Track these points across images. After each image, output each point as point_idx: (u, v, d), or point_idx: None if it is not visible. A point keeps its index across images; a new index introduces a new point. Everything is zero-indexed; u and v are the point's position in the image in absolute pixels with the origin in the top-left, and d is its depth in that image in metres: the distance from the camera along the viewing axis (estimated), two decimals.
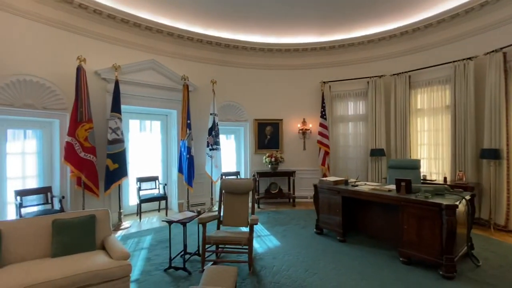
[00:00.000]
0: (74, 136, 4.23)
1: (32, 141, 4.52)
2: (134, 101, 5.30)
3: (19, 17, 4.03)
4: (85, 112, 4.31)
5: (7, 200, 4.15)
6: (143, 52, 5.48)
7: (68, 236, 2.47)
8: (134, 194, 5.58)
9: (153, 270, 3.20)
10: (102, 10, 4.74)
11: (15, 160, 4.30)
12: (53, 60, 4.39)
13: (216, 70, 6.41)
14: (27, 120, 4.33)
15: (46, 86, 4.32)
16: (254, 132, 6.85)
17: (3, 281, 1.96)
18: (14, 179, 4.25)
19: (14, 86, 4.00)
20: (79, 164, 4.28)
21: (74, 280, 2.10)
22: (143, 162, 5.94)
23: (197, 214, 3.37)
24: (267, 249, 3.82)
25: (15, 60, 3.96)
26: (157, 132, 6.21)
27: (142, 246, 3.99)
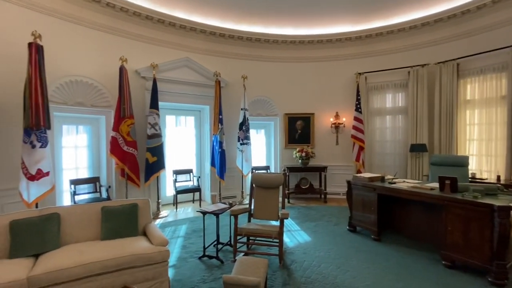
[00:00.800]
0: (118, 131, 4.60)
1: (83, 135, 5.02)
2: (170, 97, 5.58)
3: (68, 22, 4.44)
4: (127, 108, 4.65)
5: (63, 188, 4.67)
6: (178, 50, 5.71)
7: (114, 222, 2.72)
8: (170, 186, 5.92)
9: (189, 257, 3.39)
10: (141, 12, 5.03)
11: (70, 153, 4.81)
12: (99, 61, 4.78)
13: (247, 65, 6.45)
14: (78, 117, 4.81)
15: (93, 86, 4.74)
16: (284, 127, 6.79)
17: (62, 259, 2.23)
18: (68, 170, 4.78)
19: (67, 86, 4.45)
20: (123, 157, 4.65)
21: (121, 262, 2.32)
22: (179, 156, 6.26)
23: (229, 206, 3.48)
24: (297, 243, 3.81)
25: (67, 62, 4.39)
26: (191, 127, 6.48)
27: (179, 234, 4.23)
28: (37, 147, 3.53)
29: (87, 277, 2.22)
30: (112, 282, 2.28)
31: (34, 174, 3.52)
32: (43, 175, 3.60)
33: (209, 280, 2.82)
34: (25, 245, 2.34)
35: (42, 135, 3.56)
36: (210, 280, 2.82)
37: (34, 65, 3.45)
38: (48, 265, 2.15)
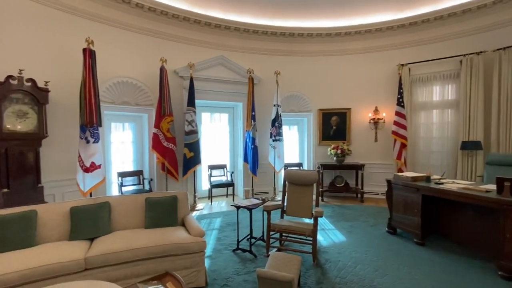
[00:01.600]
0: (159, 128, 4.91)
1: (129, 132, 5.46)
2: (205, 95, 5.78)
3: (116, 28, 4.82)
4: (167, 107, 4.93)
5: (112, 180, 5.15)
6: (213, 49, 5.88)
7: (157, 212, 2.92)
8: (206, 180, 6.17)
9: (223, 249, 3.51)
10: (179, 14, 5.27)
11: (117, 148, 5.28)
12: (142, 63, 5.13)
13: (280, 61, 6.39)
14: (124, 115, 5.24)
15: (137, 86, 5.12)
16: (318, 123, 6.62)
17: (113, 243, 2.47)
18: (116, 163, 5.24)
19: (115, 87, 4.86)
20: (163, 152, 4.97)
21: (163, 249, 2.49)
22: (213, 151, 6.48)
23: (261, 202, 3.52)
24: (331, 243, 3.71)
25: (114, 65, 4.78)
26: (225, 124, 6.65)
27: (214, 227, 4.40)
28: (91, 142, 3.93)
29: (134, 261, 2.43)
30: (155, 267, 2.47)
31: (89, 166, 3.93)
32: (96, 167, 4.01)
33: (242, 272, 2.90)
34: (82, 229, 2.63)
35: (95, 131, 3.96)
36: (244, 272, 2.89)
37: (88, 68, 3.84)
38: (101, 248, 2.40)
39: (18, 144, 3.60)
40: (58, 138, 4.11)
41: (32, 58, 3.87)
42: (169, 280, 1.94)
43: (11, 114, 3.55)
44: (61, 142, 4.16)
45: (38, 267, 2.09)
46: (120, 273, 2.37)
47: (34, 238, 2.45)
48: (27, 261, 2.13)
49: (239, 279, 2.77)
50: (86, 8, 4.43)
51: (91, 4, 4.47)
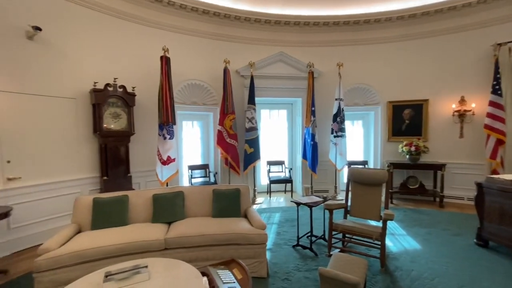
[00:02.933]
0: (222, 125, 5.25)
1: (197, 129, 5.99)
2: (265, 92, 5.89)
3: (185, 35, 5.32)
4: (230, 105, 5.22)
5: (183, 172, 5.74)
6: (272, 46, 5.93)
7: (222, 203, 3.15)
8: (264, 175, 6.32)
9: (283, 244, 3.55)
10: (240, 15, 5.48)
11: (187, 144, 5.86)
12: (208, 65, 5.55)
13: (343, 51, 6.03)
14: (193, 114, 5.77)
15: (204, 87, 5.56)
16: (387, 117, 6.01)
17: (186, 228, 2.78)
18: (187, 157, 5.83)
19: (186, 89, 5.39)
20: (226, 148, 5.29)
21: (228, 238, 2.68)
22: (272, 147, 6.57)
23: (322, 200, 3.41)
24: (402, 249, 3.36)
25: (185, 69, 5.29)
26: (284, 120, 6.66)
27: (273, 221, 4.49)
28: (167, 139, 4.47)
29: (203, 246, 2.68)
30: (222, 254, 2.67)
31: (165, 160, 4.48)
32: (171, 161, 4.54)
33: (303, 269, 2.88)
34: (162, 214, 3.03)
35: (170, 129, 4.48)
36: (304, 269, 2.87)
37: (164, 74, 4.35)
38: (177, 231, 2.72)
39: (113, 140, 4.35)
40: (142, 135, 4.80)
41: (122, 68, 4.59)
42: (235, 267, 2.07)
43: (108, 116, 4.31)
44: (144, 138, 4.85)
45: (131, 242, 2.51)
46: (191, 255, 2.64)
47: (126, 218, 2.95)
48: (122, 236, 2.58)
49: (300, 275, 2.77)
50: (162, 20, 5.02)
51: (166, 16, 5.04)
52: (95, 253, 2.39)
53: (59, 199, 3.88)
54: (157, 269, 1.95)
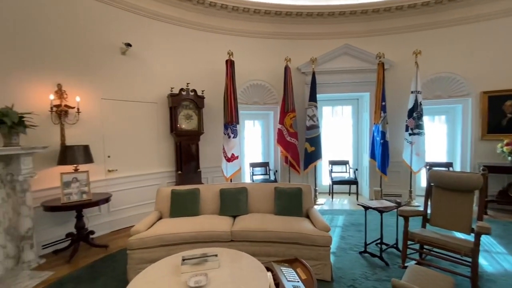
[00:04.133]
0: (283, 124, 5.26)
1: (258, 128, 6.16)
2: (327, 88, 5.64)
3: (246, 37, 5.49)
4: (290, 103, 5.19)
5: (245, 169, 5.99)
6: (336, 39, 5.63)
7: (284, 201, 3.17)
8: (326, 175, 6.07)
9: (348, 249, 3.35)
10: (302, 11, 5.38)
11: (249, 142, 6.07)
12: (268, 65, 5.63)
13: (420, 37, 5.30)
14: (255, 113, 5.95)
15: (265, 87, 5.68)
16: (481, 110, 5.01)
17: (250, 223, 2.90)
18: (248, 155, 6.05)
19: (248, 89, 5.60)
20: (286, 146, 5.28)
21: (290, 236, 2.68)
22: (335, 146, 6.26)
23: (396, 205, 3.07)
24: (502, 271, 2.77)
25: (247, 70, 5.47)
26: (348, 117, 6.26)
27: (336, 224, 4.28)
28: (231, 138, 4.73)
29: (265, 242, 2.74)
30: (284, 251, 2.68)
31: (230, 157, 4.76)
32: (235, 158, 4.80)
33: (372, 278, 2.66)
34: (228, 207, 3.23)
35: (234, 128, 4.73)
36: (373, 279, 2.65)
37: (229, 76, 4.62)
38: (242, 225, 2.86)
39: (186, 139, 4.84)
40: (210, 134, 5.20)
41: (193, 73, 5.06)
42: (298, 266, 2.05)
43: (182, 117, 4.81)
44: (211, 137, 5.24)
45: (202, 231, 2.76)
46: (255, 249, 2.73)
47: (198, 210, 3.24)
48: (195, 225, 2.85)
49: (368, 284, 2.56)
50: (227, 26, 5.32)
51: (231, 21, 5.33)
52: (173, 238, 2.71)
53: (145, 189, 4.54)
54: (225, 258, 2.09)
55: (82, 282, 2.73)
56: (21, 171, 2.94)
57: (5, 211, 2.91)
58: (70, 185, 3.30)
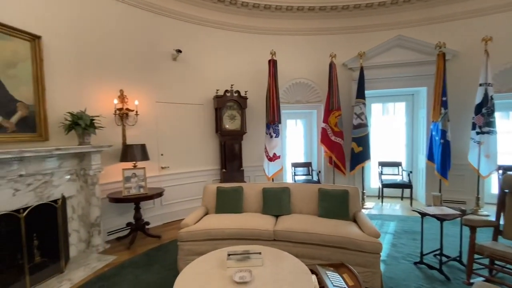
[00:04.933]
0: (327, 123, 5.07)
1: (300, 127, 6.06)
2: (377, 84, 5.26)
3: (289, 36, 5.42)
4: (335, 101, 4.97)
5: (286, 169, 5.93)
6: (386, 30, 5.22)
7: (329, 202, 3.05)
8: (375, 177, 5.67)
9: (400, 258, 3.08)
10: (349, 3, 5.10)
11: (291, 141, 6.00)
12: (312, 62, 5.48)
13: (489, 22, 4.60)
14: (297, 112, 5.86)
15: (308, 85, 5.54)
16: None
17: (292, 223, 2.86)
18: (290, 155, 5.99)
19: (290, 88, 5.54)
20: (331, 146, 5.08)
21: (335, 240, 2.57)
22: (385, 146, 5.81)
23: (460, 213, 2.71)
24: None
25: (289, 69, 5.40)
26: (401, 114, 5.74)
27: (386, 231, 3.97)
28: (273, 137, 4.74)
29: (308, 244, 2.68)
30: (328, 255, 2.58)
31: (272, 156, 4.77)
32: (276, 157, 4.80)
33: None
34: (270, 206, 3.24)
35: (276, 128, 4.73)
36: None
37: (272, 76, 4.63)
38: (284, 225, 2.84)
39: (229, 139, 5.00)
40: (252, 134, 5.28)
41: (237, 74, 5.19)
42: (345, 272, 1.96)
43: (226, 117, 4.98)
44: (254, 137, 5.32)
45: (245, 229, 2.82)
46: (298, 250, 2.68)
47: (241, 207, 3.32)
48: (239, 222, 2.92)
49: None
50: (270, 26, 5.33)
51: (273, 21, 5.33)
52: (219, 233, 2.82)
53: (193, 185, 4.84)
54: (269, 257, 2.10)
55: (139, 267, 3.03)
56: (92, 167, 3.38)
57: (79, 201, 3.39)
58: (130, 180, 3.69)
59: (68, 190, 3.21)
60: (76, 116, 3.24)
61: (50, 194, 2.94)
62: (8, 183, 2.53)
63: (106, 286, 2.65)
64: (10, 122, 2.77)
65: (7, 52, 2.75)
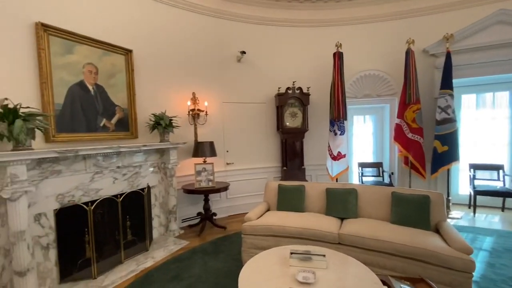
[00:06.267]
0: (402, 118, 4.50)
1: (369, 124, 5.55)
2: (469, 71, 4.40)
3: (356, 25, 5.00)
4: (413, 93, 4.36)
5: (352, 169, 5.53)
6: (480, 6, 4.32)
7: (404, 209, 2.70)
8: (465, 183, 4.78)
9: (500, 282, 2.52)
10: None
11: (358, 139, 5.57)
12: (384, 51, 4.95)
13: None
14: (365, 107, 5.39)
15: (379, 77, 5.03)
16: None
17: (360, 228, 2.65)
18: (357, 154, 5.56)
19: (358, 82, 5.12)
20: (407, 144, 4.50)
21: (413, 251, 2.26)
22: (480, 146, 4.82)
23: None
24: None
25: (357, 61, 4.99)
26: (503, 106, 4.66)
27: (480, 247, 3.30)
28: (338, 135, 4.48)
29: (378, 252, 2.44)
30: (404, 267, 2.30)
31: (336, 155, 4.53)
32: (341, 156, 4.52)
33: None
34: (335, 208, 3.07)
35: (341, 125, 4.46)
36: None
37: (337, 70, 4.38)
38: (351, 229, 2.65)
39: (291, 136, 4.95)
40: (314, 131, 5.12)
41: (299, 70, 5.10)
42: None
43: (288, 115, 4.95)
44: (316, 134, 5.15)
45: (308, 229, 2.75)
46: (366, 258, 2.48)
47: (303, 206, 3.26)
48: (301, 222, 2.87)
49: None
50: (334, 16, 5.04)
51: (338, 11, 5.01)
52: (280, 230, 2.83)
53: (255, 181, 5.00)
54: (334, 261, 2.00)
55: (207, 254, 3.30)
56: (170, 161, 3.84)
57: (160, 190, 3.89)
58: (200, 174, 4.05)
59: (152, 181, 3.73)
60: (158, 117, 3.72)
61: (138, 183, 3.48)
62: (110, 173, 3.10)
63: (181, 267, 2.97)
64: (111, 123, 3.37)
65: (109, 65, 3.35)
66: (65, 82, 2.88)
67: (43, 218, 2.54)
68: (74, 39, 2.95)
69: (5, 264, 2.32)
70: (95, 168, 2.94)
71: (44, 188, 2.53)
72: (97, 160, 2.96)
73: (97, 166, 2.96)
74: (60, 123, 2.84)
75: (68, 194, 2.71)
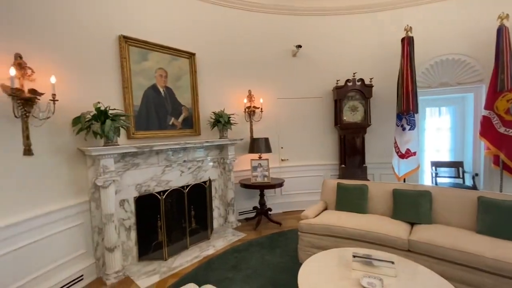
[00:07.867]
0: (492, 109, 3.76)
1: (446, 117, 4.81)
2: None
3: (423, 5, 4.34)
4: (508, 79, 3.59)
5: (424, 169, 4.88)
6: None
7: (495, 216, 2.26)
8: None
9: None
10: None
11: (431, 135, 4.88)
12: (465, 31, 4.19)
13: None
14: (441, 98, 4.67)
15: (460, 61, 4.29)
16: None
17: (435, 235, 2.32)
18: (429, 151, 4.88)
19: (432, 69, 4.46)
20: (497, 140, 3.75)
21: (505, 268, 1.88)
22: None
23: None
24: None
25: (430, 45, 4.34)
26: None
27: None
28: (407, 130, 4.01)
29: (461, 265, 2.10)
30: (495, 286, 1.93)
31: (404, 153, 4.07)
32: (410, 154, 4.04)
33: None
34: (404, 211, 2.76)
35: (411, 118, 3.98)
36: None
37: (406, 57, 3.90)
38: (424, 236, 2.35)
39: (350, 132, 4.64)
40: (378, 126, 4.69)
41: (360, 61, 4.71)
42: None
43: (347, 109, 4.65)
44: (380, 129, 4.71)
45: (371, 232, 2.55)
46: (442, 269, 2.16)
47: (365, 207, 3.03)
48: (363, 224, 2.67)
49: None
50: None
51: None
52: (340, 231, 2.69)
53: (310, 178, 4.87)
54: (404, 269, 1.80)
55: (264, 248, 3.36)
56: (228, 156, 4.04)
57: (219, 184, 4.13)
58: (256, 169, 4.15)
59: (212, 175, 3.98)
60: (218, 115, 3.94)
61: (201, 176, 3.76)
62: (177, 166, 3.43)
63: (239, 258, 3.10)
64: (178, 121, 3.71)
65: (176, 69, 3.68)
66: (141, 86, 3.29)
67: (126, 204, 2.97)
68: (147, 47, 3.33)
69: (98, 240, 2.79)
70: (165, 162, 3.30)
71: (126, 178, 2.95)
72: (167, 154, 3.31)
73: (167, 160, 3.31)
74: (138, 122, 3.25)
75: (145, 184, 3.11)
